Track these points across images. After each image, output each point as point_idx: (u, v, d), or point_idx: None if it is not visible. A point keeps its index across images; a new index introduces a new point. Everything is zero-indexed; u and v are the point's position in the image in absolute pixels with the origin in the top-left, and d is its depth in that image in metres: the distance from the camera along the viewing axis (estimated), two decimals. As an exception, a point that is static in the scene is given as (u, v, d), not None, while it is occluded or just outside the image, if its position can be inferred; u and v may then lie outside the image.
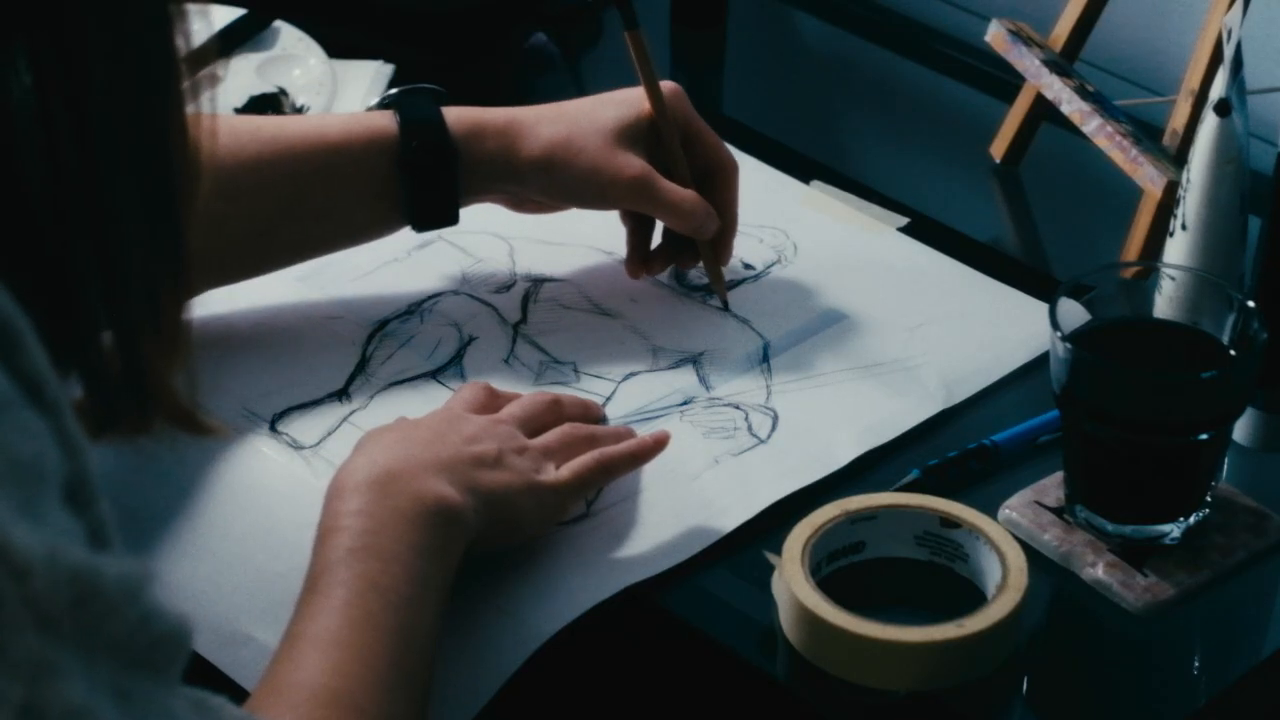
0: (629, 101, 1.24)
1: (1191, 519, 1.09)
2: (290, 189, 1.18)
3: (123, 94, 0.73)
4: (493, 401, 1.12)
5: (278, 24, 1.49)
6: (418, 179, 1.20)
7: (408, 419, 1.08)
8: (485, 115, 1.22)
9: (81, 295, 0.74)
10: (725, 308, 1.26)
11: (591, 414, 1.15)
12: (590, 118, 1.22)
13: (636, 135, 1.23)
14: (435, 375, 1.21)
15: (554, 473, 1.07)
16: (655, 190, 1.22)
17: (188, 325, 0.78)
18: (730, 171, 1.25)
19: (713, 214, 1.24)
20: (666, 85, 1.24)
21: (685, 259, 1.27)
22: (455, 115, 1.21)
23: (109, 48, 0.72)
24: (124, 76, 0.73)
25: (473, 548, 1.03)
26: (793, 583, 1.03)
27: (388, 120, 1.20)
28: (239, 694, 0.94)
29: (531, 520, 1.06)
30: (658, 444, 1.11)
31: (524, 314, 1.26)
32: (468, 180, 1.21)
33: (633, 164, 1.21)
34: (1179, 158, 1.26)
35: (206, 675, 1.03)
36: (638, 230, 1.27)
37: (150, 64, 0.74)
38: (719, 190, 1.25)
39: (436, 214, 1.22)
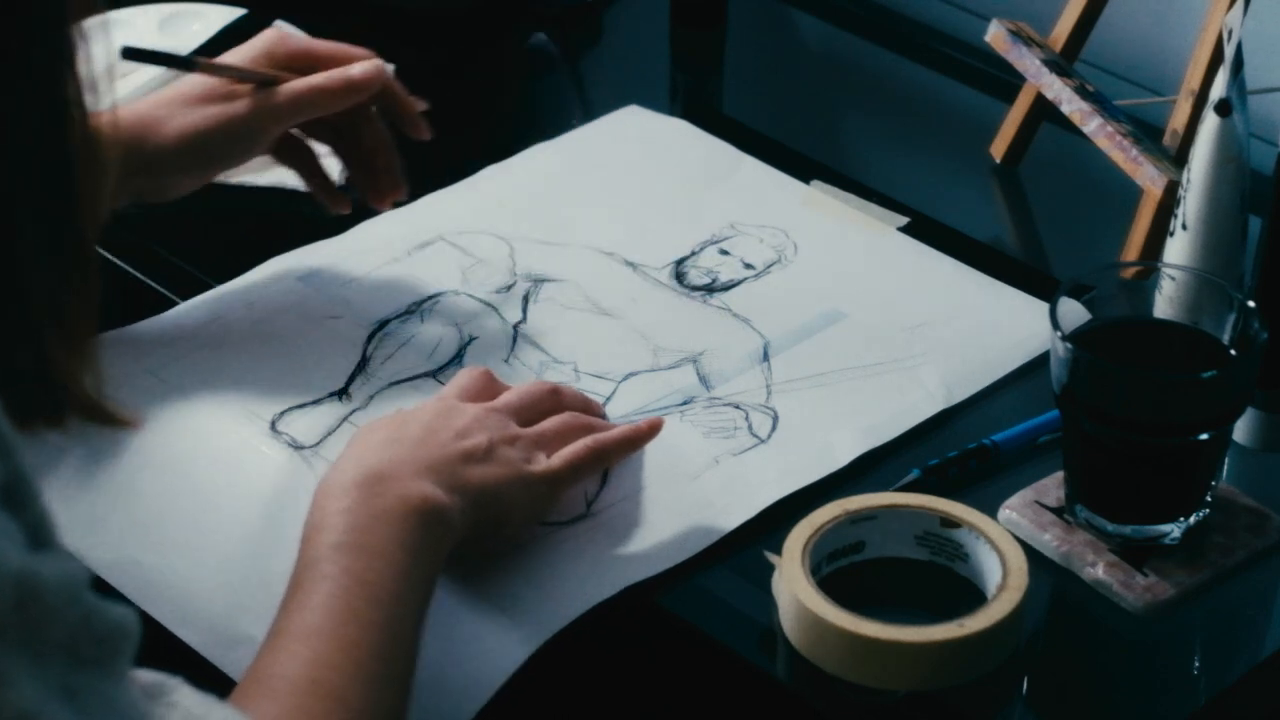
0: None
1: (1191, 519, 1.09)
2: None
3: (27, 115, 0.73)
4: (491, 387, 1.12)
5: (278, 24, 1.49)
6: None
7: (404, 410, 1.08)
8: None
9: None
10: (427, 137, 1.26)
11: (592, 410, 1.15)
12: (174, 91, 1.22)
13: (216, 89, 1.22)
14: (435, 375, 1.21)
15: (545, 462, 1.07)
16: (292, 93, 1.21)
17: (95, 329, 0.79)
18: (346, 56, 1.24)
19: (360, 65, 1.23)
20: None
21: (385, 155, 1.26)
22: None
23: (12, 75, 0.73)
24: (27, 100, 0.73)
25: (463, 545, 1.03)
26: (793, 583, 1.03)
27: None
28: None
29: (523, 512, 1.06)
30: (651, 429, 1.11)
31: (524, 314, 1.26)
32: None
33: (243, 99, 1.20)
34: (1179, 158, 1.26)
35: (207, 675, 1.03)
36: (302, 167, 1.26)
37: (53, 86, 0.74)
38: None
39: None
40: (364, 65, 1.23)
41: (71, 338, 0.77)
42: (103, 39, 0.76)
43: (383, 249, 1.31)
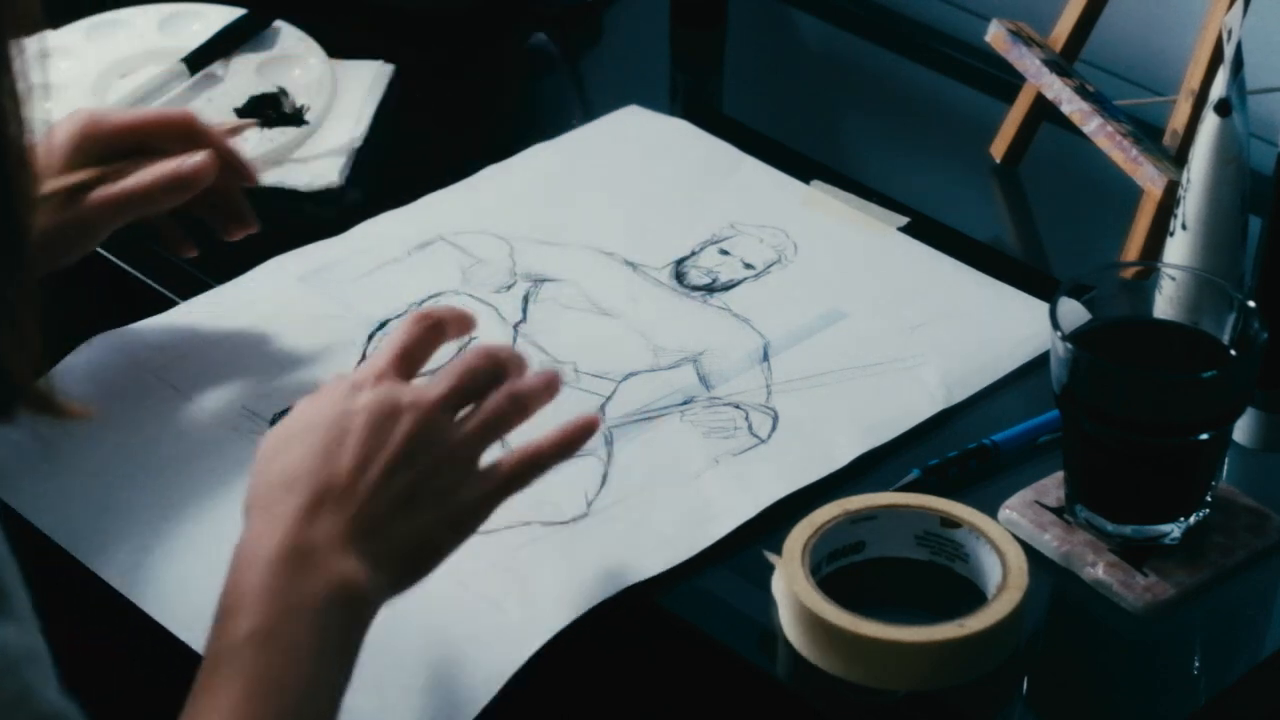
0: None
1: (1191, 519, 1.09)
2: None
3: None
4: (430, 338, 1.04)
5: (278, 24, 1.49)
6: None
7: (329, 426, 0.98)
8: None
9: None
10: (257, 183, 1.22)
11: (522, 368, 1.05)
12: None
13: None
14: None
15: (476, 488, 1.00)
16: (120, 197, 1.15)
17: (38, 323, 0.79)
18: (164, 125, 1.18)
19: (192, 160, 1.16)
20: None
21: (235, 199, 1.21)
22: None
23: None
24: None
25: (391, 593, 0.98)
26: (793, 583, 1.03)
27: None
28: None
29: (450, 547, 1.00)
30: (587, 428, 1.03)
31: (524, 314, 1.26)
32: None
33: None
34: (1179, 158, 1.26)
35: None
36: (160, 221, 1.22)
37: None
38: (189, 140, 1.18)
39: None
40: (195, 160, 1.16)
41: (18, 333, 0.77)
42: (38, 50, 0.77)
43: (383, 249, 1.30)
